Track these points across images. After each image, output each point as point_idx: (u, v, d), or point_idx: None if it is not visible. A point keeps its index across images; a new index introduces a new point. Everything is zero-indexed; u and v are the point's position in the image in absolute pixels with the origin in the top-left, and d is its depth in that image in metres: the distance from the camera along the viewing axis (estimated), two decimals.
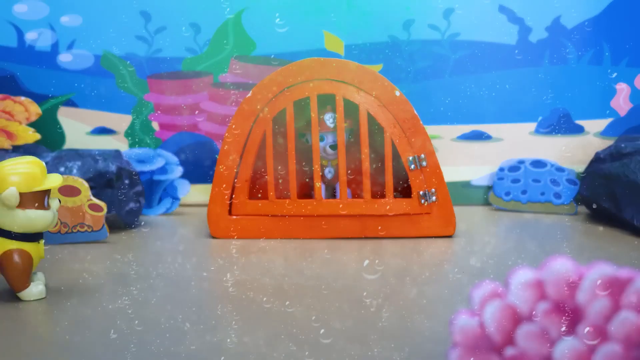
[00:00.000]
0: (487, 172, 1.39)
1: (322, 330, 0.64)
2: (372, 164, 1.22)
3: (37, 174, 0.76)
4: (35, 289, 0.77)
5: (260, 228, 1.09)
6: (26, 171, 0.75)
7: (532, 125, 1.38)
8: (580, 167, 1.35)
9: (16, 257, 0.76)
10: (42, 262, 0.93)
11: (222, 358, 0.58)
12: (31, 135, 1.20)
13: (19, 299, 0.76)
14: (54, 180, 0.78)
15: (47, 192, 0.77)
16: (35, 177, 0.76)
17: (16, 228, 0.75)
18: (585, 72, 1.35)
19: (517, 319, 0.43)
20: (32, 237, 0.77)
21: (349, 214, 1.08)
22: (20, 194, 0.73)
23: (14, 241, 0.76)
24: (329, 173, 1.16)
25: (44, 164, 0.79)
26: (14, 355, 0.59)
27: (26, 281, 0.77)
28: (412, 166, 1.07)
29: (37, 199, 0.75)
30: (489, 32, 1.35)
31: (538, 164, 1.33)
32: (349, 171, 1.22)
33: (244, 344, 0.61)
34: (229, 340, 0.62)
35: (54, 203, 0.78)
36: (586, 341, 0.42)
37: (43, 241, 0.79)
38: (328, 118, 1.13)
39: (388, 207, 1.08)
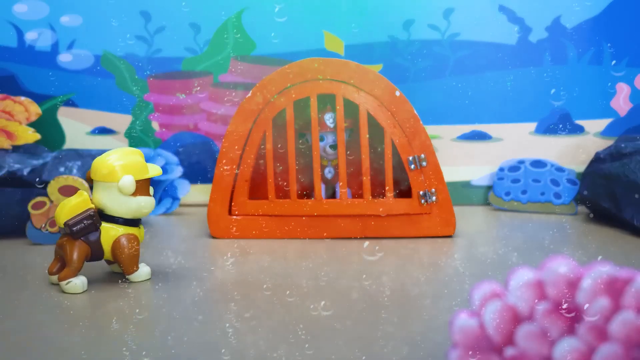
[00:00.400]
0: (487, 172, 1.39)
1: (322, 330, 0.64)
2: (372, 164, 1.22)
3: (144, 163, 0.84)
4: (143, 271, 0.84)
5: (260, 228, 1.09)
6: (136, 160, 0.83)
7: (532, 125, 1.38)
8: (580, 167, 1.35)
9: (129, 242, 0.82)
10: (40, 257, 0.93)
11: (222, 358, 0.58)
12: (31, 135, 1.20)
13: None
14: (156, 169, 0.85)
15: (149, 180, 0.85)
16: (143, 166, 0.84)
17: (128, 214, 0.82)
18: (585, 72, 1.35)
19: (517, 319, 0.43)
20: (136, 222, 0.84)
21: (349, 214, 1.08)
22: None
23: (124, 227, 0.83)
24: (328, 173, 1.16)
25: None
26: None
27: (137, 264, 0.84)
28: (412, 166, 1.07)
29: (145, 186, 0.83)
30: (489, 32, 1.35)
31: (538, 164, 1.33)
32: (350, 170, 1.22)
33: (244, 343, 0.61)
34: (228, 340, 0.62)
35: (151, 190, 0.85)
36: (586, 341, 0.42)
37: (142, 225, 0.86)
38: (328, 118, 1.13)
39: (387, 207, 1.08)
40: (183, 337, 0.63)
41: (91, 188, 0.85)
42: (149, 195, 0.84)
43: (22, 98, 1.21)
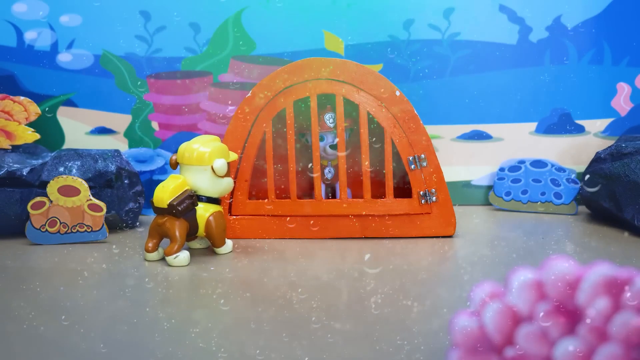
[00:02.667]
0: (487, 172, 1.39)
1: (321, 331, 0.64)
2: (372, 164, 1.22)
3: (227, 148, 0.97)
4: (229, 244, 0.98)
5: (260, 228, 1.09)
6: (222, 146, 0.96)
7: (532, 125, 1.37)
8: (581, 167, 1.35)
9: (220, 219, 0.95)
10: (40, 257, 0.93)
11: (223, 357, 0.58)
12: (30, 135, 1.20)
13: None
14: (235, 154, 1.00)
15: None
16: (228, 151, 0.97)
17: (217, 193, 0.95)
18: (585, 72, 1.35)
19: (517, 319, 0.43)
20: (218, 201, 0.97)
21: (349, 214, 1.08)
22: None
23: (214, 205, 0.95)
24: (328, 173, 1.16)
25: None
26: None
27: (224, 238, 0.97)
28: (412, 166, 1.07)
29: (229, 169, 0.96)
30: (489, 32, 1.35)
31: (538, 164, 1.33)
32: (349, 170, 1.22)
33: (244, 344, 0.61)
34: (228, 340, 0.62)
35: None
36: (586, 342, 0.41)
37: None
38: (328, 118, 1.13)
39: (387, 207, 1.07)
40: (182, 337, 0.63)
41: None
42: (230, 177, 0.98)
43: (21, 98, 1.21)
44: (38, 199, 1.04)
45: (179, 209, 0.90)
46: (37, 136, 1.21)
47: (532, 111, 1.37)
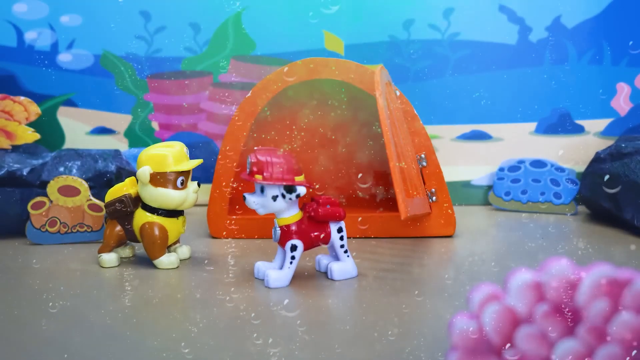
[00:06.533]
0: (487, 172, 1.39)
1: (322, 330, 0.64)
2: (372, 163, 1.22)
3: (167, 158, 0.87)
4: (167, 259, 0.89)
5: (260, 228, 1.09)
6: (160, 153, 0.87)
7: (532, 125, 1.38)
8: (580, 167, 1.35)
9: (151, 230, 0.88)
10: (40, 257, 0.93)
11: (224, 357, 0.58)
12: (30, 135, 1.20)
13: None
14: (187, 164, 0.88)
15: (182, 174, 0.88)
16: (164, 159, 0.87)
17: (152, 203, 0.88)
18: (585, 72, 1.35)
19: (516, 320, 0.43)
20: (173, 213, 0.89)
21: (349, 214, 1.08)
22: (154, 173, 0.86)
23: (153, 215, 0.88)
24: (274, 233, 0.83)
25: (184, 150, 0.89)
26: None
27: (159, 251, 0.89)
28: (413, 166, 1.07)
29: (168, 179, 0.87)
30: (489, 32, 1.35)
31: (538, 163, 1.33)
32: (343, 171, 1.22)
33: (244, 344, 0.61)
34: (228, 340, 0.62)
35: (192, 186, 0.89)
36: (585, 342, 0.41)
37: (184, 217, 0.92)
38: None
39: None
40: (182, 337, 0.63)
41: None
42: (176, 188, 0.87)
43: (22, 98, 1.21)
44: (38, 199, 1.04)
45: (108, 210, 0.91)
46: (37, 136, 1.21)
47: (532, 111, 1.37)
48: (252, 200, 0.78)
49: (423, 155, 1.06)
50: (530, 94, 1.36)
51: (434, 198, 1.06)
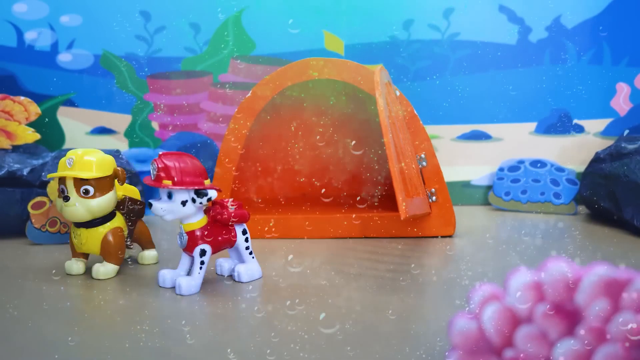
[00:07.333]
0: (487, 172, 1.39)
1: (321, 331, 0.64)
2: (372, 163, 1.22)
3: (62, 162, 0.83)
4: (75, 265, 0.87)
5: (260, 228, 1.09)
6: (62, 161, 0.83)
7: (532, 125, 1.38)
8: (580, 167, 1.35)
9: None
10: (40, 257, 0.93)
11: (226, 357, 0.58)
12: (31, 135, 1.20)
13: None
14: (53, 174, 0.83)
15: (62, 183, 0.82)
16: (63, 165, 0.83)
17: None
18: (585, 72, 1.35)
19: (516, 320, 0.43)
20: (76, 223, 0.85)
21: (350, 214, 1.08)
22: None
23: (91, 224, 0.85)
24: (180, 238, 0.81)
25: (66, 160, 0.83)
26: None
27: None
28: (413, 166, 1.07)
29: (57, 187, 0.84)
30: (489, 32, 1.35)
31: (538, 163, 1.33)
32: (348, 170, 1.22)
33: (244, 344, 0.61)
34: (229, 340, 0.62)
35: (71, 197, 0.82)
36: (585, 343, 0.41)
37: (109, 228, 0.86)
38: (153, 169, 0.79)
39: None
40: (184, 338, 0.63)
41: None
42: (61, 197, 0.82)
43: (22, 98, 1.21)
44: (38, 199, 1.04)
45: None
46: (38, 136, 1.21)
47: (532, 111, 1.37)
48: (160, 207, 0.75)
49: (423, 155, 1.06)
50: (530, 94, 1.36)
51: (434, 198, 1.06)
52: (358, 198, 1.21)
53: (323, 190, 1.27)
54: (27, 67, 1.36)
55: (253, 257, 0.83)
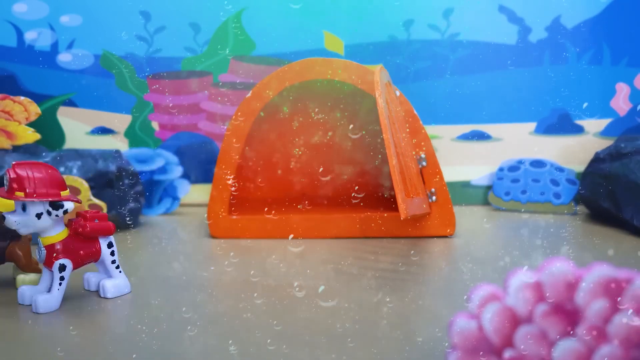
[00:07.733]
0: (487, 172, 1.39)
1: (322, 330, 0.64)
2: (373, 163, 1.22)
3: None
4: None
5: (260, 228, 1.09)
6: None
7: (532, 125, 1.38)
8: (580, 167, 1.35)
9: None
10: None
11: (226, 357, 0.58)
12: (31, 135, 1.20)
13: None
14: None
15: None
16: None
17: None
18: (585, 72, 1.35)
19: (515, 321, 0.43)
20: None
21: (349, 214, 1.08)
22: None
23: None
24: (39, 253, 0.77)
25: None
26: None
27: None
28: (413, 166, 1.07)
29: None
30: (489, 32, 1.35)
31: (538, 163, 1.33)
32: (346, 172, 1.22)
33: (244, 344, 0.61)
34: (229, 340, 0.62)
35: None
36: (585, 343, 0.42)
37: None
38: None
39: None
40: (183, 337, 0.63)
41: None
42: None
43: (22, 98, 1.21)
44: None
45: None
46: (38, 136, 1.21)
47: (532, 111, 1.37)
48: (13, 220, 0.71)
49: (423, 155, 1.06)
50: (530, 94, 1.36)
51: (433, 198, 1.06)
52: (354, 196, 1.21)
53: (323, 190, 1.27)
54: (27, 67, 1.36)
55: (120, 272, 0.79)
